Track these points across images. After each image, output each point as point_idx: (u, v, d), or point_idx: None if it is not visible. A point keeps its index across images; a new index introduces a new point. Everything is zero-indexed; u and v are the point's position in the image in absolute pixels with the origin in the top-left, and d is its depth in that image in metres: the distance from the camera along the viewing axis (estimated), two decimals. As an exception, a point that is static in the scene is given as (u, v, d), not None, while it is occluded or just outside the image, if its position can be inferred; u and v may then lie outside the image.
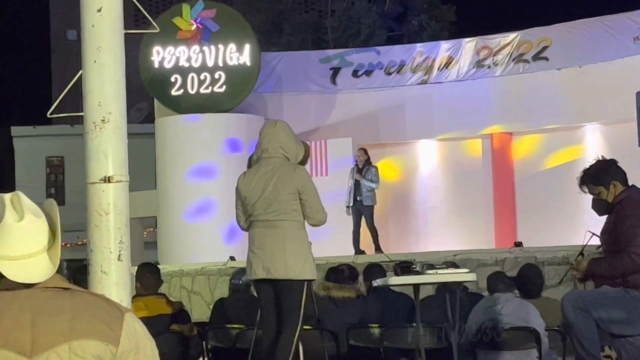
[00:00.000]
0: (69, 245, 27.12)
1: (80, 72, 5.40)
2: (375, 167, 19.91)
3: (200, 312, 14.47)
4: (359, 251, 19.28)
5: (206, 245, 21.61)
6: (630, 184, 7.28)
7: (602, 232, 7.30)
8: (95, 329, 3.30)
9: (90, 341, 3.30)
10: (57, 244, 3.36)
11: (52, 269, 3.31)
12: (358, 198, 19.47)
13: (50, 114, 6.62)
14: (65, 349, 3.27)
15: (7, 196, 3.36)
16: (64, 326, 3.29)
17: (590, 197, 7.40)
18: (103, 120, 5.30)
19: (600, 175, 7.24)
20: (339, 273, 9.33)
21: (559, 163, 21.97)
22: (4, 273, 3.28)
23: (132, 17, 5.70)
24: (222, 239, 21.27)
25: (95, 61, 5.31)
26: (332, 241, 18.20)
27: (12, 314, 3.30)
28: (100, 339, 3.30)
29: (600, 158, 7.56)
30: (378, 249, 19.32)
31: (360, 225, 19.72)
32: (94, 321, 3.32)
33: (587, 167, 7.42)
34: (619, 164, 7.34)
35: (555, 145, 22.48)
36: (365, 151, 20.01)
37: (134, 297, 7.89)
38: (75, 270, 10.21)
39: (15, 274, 3.29)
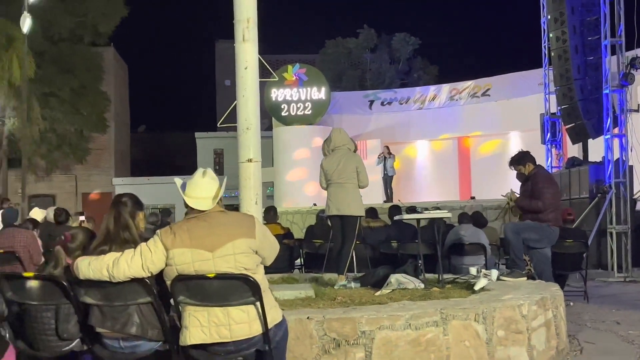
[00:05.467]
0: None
1: (235, 102, 5.42)
2: (394, 155, 19.84)
3: (298, 234, 14.49)
4: (389, 199, 19.14)
5: (300, 196, 21.70)
6: (537, 164, 7.21)
7: (521, 193, 7.20)
8: (243, 231, 3.37)
9: (243, 239, 3.35)
10: (218, 195, 3.46)
11: (212, 205, 3.42)
12: (385, 172, 19.46)
13: (219, 125, 6.67)
14: (230, 245, 3.32)
15: (202, 169, 3.53)
16: (228, 232, 3.35)
17: (515, 171, 7.36)
18: (248, 129, 5.32)
19: (520, 159, 7.16)
20: (368, 211, 9.26)
21: (496, 152, 21.66)
22: (190, 205, 3.43)
23: (261, 71, 5.69)
24: (308, 194, 21.37)
25: (243, 96, 5.32)
26: (369, 194, 18.11)
27: (200, 227, 3.37)
28: (247, 236, 3.37)
29: (521, 149, 7.51)
30: (392, 199, 19.17)
31: (387, 187, 19.68)
32: (242, 226, 3.40)
33: (514, 155, 7.36)
34: (530, 153, 7.27)
35: (493, 143, 22.20)
36: (388, 148, 20.00)
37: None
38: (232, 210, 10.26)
39: (195, 205, 3.42)
